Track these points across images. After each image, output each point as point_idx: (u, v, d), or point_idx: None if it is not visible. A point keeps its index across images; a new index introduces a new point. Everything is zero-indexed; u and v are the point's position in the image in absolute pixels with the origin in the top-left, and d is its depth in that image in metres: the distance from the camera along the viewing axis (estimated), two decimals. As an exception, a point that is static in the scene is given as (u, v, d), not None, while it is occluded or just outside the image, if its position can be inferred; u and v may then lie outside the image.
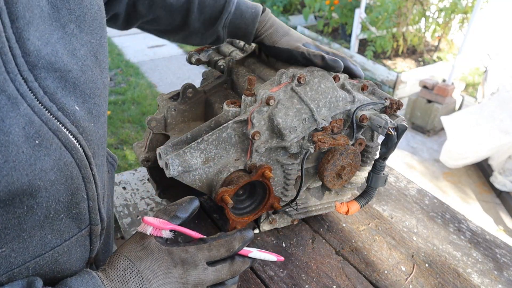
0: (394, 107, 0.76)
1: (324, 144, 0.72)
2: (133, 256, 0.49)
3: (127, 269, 0.48)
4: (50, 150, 0.38)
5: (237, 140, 0.70)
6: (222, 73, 0.87)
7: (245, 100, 0.69)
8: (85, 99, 0.43)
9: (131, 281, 0.47)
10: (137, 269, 0.48)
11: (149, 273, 0.48)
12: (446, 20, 4.14)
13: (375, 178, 0.75)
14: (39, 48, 0.38)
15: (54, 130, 0.39)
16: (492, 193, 2.77)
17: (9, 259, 0.40)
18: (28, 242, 0.41)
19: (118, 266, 0.48)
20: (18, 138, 0.35)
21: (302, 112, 0.69)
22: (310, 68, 0.72)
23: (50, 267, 0.45)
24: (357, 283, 0.77)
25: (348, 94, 0.73)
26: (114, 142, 3.02)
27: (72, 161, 0.41)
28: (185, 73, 4.15)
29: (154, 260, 0.49)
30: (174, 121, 0.82)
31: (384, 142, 0.71)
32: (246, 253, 0.55)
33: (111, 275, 0.47)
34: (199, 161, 0.68)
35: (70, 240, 0.46)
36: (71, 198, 0.43)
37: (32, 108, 0.37)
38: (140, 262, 0.48)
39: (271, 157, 0.75)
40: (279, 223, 0.86)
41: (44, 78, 0.38)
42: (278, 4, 5.61)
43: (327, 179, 0.77)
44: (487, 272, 0.82)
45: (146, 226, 0.50)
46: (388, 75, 4.00)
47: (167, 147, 0.68)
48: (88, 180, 0.44)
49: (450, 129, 2.88)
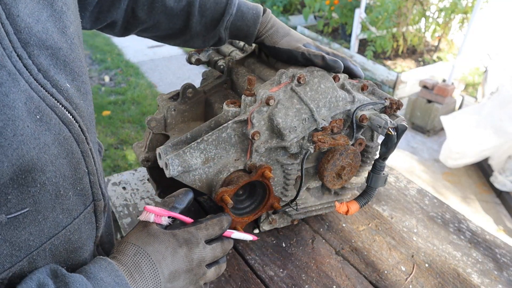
0: (394, 107, 0.76)
1: (324, 144, 0.72)
2: (140, 242, 0.52)
3: (137, 254, 0.51)
4: (50, 125, 0.40)
5: (237, 140, 0.70)
6: (222, 73, 0.87)
7: (245, 100, 0.69)
8: (74, 77, 0.44)
9: (143, 264, 0.50)
10: (146, 253, 0.51)
11: (158, 255, 0.52)
12: (446, 20, 4.14)
13: (375, 178, 0.75)
14: (30, 25, 0.38)
15: (52, 106, 0.40)
16: (492, 193, 2.77)
17: (28, 243, 0.41)
18: (43, 224, 0.42)
19: (128, 252, 0.51)
20: (22, 113, 0.36)
21: (302, 112, 0.69)
22: (310, 68, 0.72)
23: (64, 246, 0.47)
24: (357, 283, 0.77)
25: (348, 94, 0.73)
26: (114, 142, 3.02)
27: (70, 136, 0.43)
28: (185, 73, 4.15)
29: (161, 243, 0.53)
30: (174, 121, 0.82)
31: (384, 142, 0.71)
32: (229, 234, 0.62)
33: (123, 261, 0.50)
34: (199, 161, 0.68)
35: (79, 218, 0.47)
36: (74, 173, 0.44)
37: (30, 85, 0.37)
38: (148, 246, 0.52)
39: (271, 157, 0.75)
40: (279, 223, 0.86)
41: (37, 55, 0.39)
42: (278, 4, 5.60)
43: (327, 179, 0.77)
44: (487, 272, 0.82)
45: (148, 213, 0.55)
46: (388, 75, 4.00)
47: (166, 147, 0.68)
48: (86, 154, 0.45)
49: (450, 129, 2.88)
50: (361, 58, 4.31)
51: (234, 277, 0.76)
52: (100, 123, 3.21)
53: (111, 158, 2.86)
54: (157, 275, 0.51)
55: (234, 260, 0.80)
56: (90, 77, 3.92)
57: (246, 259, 0.81)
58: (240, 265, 0.79)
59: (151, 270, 0.51)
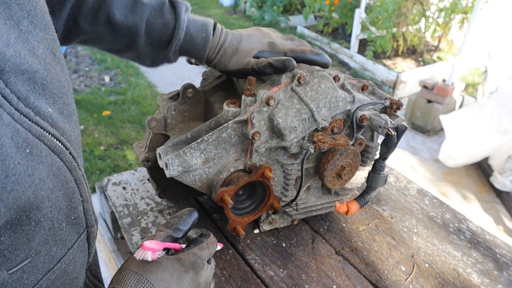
0: (394, 107, 0.76)
1: (324, 144, 0.72)
2: (142, 270, 0.48)
3: (139, 283, 0.47)
4: (41, 157, 0.37)
5: (237, 140, 0.70)
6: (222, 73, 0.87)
7: (245, 100, 0.69)
8: (54, 99, 0.41)
9: None
10: (149, 282, 0.47)
11: (162, 284, 0.48)
12: (446, 20, 4.14)
13: (375, 178, 0.75)
14: (2, 51, 0.34)
15: (39, 136, 0.37)
16: (492, 193, 2.77)
17: (22, 281, 0.39)
18: (36, 259, 0.40)
19: (129, 282, 0.47)
20: (10, 150, 0.33)
21: (302, 112, 0.69)
22: (310, 68, 0.72)
23: (61, 279, 0.45)
24: (357, 283, 0.77)
25: (348, 94, 0.73)
26: (114, 142, 3.02)
27: (63, 165, 0.40)
28: (185, 73, 4.15)
29: (165, 269, 0.49)
30: (174, 121, 0.82)
31: (384, 142, 0.71)
32: None
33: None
34: (199, 161, 0.68)
35: (73, 248, 0.45)
36: (69, 203, 0.42)
37: (12, 116, 0.34)
38: (151, 274, 0.48)
39: (271, 157, 0.75)
40: (279, 223, 0.86)
41: (14, 82, 0.35)
42: (278, 4, 5.60)
43: (327, 179, 0.77)
44: (487, 272, 0.82)
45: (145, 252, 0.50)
46: (388, 75, 4.00)
47: (167, 147, 0.68)
48: (79, 182, 0.43)
49: (449, 128, 2.88)
50: (361, 58, 4.31)
51: (234, 277, 0.76)
52: (100, 123, 3.21)
53: (111, 158, 2.86)
54: None
55: (234, 260, 0.80)
56: (90, 77, 3.92)
57: (246, 259, 0.81)
58: (240, 265, 0.79)
59: None
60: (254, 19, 5.79)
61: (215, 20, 0.77)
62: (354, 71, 4.35)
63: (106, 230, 1.08)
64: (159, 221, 0.89)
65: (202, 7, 6.42)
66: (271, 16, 5.59)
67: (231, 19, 5.88)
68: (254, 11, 5.86)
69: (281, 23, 5.56)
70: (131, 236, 0.85)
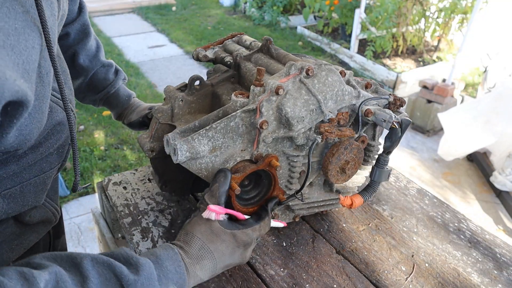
0: (397, 103, 0.77)
1: (331, 135, 0.72)
2: (205, 238, 0.63)
3: (202, 249, 0.62)
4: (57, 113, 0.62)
5: (244, 131, 0.71)
6: (229, 68, 0.88)
7: (254, 90, 0.70)
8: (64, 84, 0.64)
9: (205, 259, 0.62)
10: (210, 250, 0.63)
11: (219, 253, 0.63)
12: (446, 20, 4.14)
13: (378, 172, 0.76)
14: None
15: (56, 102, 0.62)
16: (492, 193, 2.78)
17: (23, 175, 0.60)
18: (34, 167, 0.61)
19: (194, 246, 0.62)
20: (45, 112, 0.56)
21: (309, 103, 0.70)
22: (318, 62, 0.73)
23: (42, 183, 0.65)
24: (357, 283, 0.77)
25: (354, 89, 0.74)
26: (114, 142, 3.02)
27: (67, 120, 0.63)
28: (185, 73, 4.15)
29: (223, 242, 0.64)
30: (180, 111, 0.82)
31: (388, 136, 0.72)
32: None
33: (189, 252, 0.62)
34: (206, 148, 0.69)
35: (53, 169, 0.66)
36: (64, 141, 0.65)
37: None
38: (212, 244, 0.63)
39: (277, 148, 0.75)
40: (282, 219, 0.86)
41: None
42: (278, 4, 5.61)
43: (331, 173, 0.78)
44: (487, 272, 0.82)
45: (210, 213, 0.64)
46: (388, 75, 4.00)
47: (175, 134, 0.69)
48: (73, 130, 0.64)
49: (447, 124, 2.89)
50: (361, 58, 4.31)
51: (235, 277, 0.77)
52: (100, 123, 3.21)
53: (111, 158, 2.86)
54: (215, 269, 0.64)
55: (235, 259, 0.81)
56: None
57: (247, 258, 0.81)
58: (241, 264, 0.79)
59: (211, 266, 0.63)
60: (254, 19, 5.80)
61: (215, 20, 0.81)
62: (354, 71, 4.36)
63: (106, 229, 1.08)
64: (160, 221, 0.89)
65: (202, 7, 6.42)
66: (271, 16, 5.60)
67: (231, 19, 5.88)
68: (254, 11, 5.87)
69: (281, 23, 5.56)
70: (131, 236, 0.85)
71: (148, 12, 6.06)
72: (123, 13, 6.17)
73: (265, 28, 5.57)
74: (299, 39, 5.15)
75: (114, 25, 5.56)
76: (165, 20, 5.78)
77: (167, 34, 5.31)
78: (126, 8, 6.27)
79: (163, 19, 5.79)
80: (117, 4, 6.25)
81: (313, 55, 4.73)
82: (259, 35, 5.22)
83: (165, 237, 0.85)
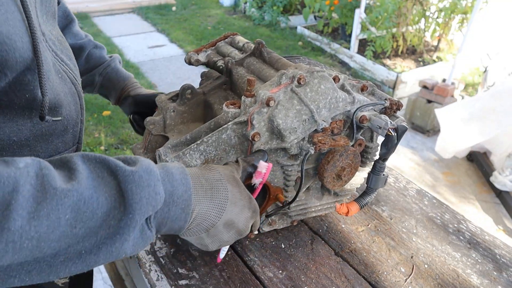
0: (394, 107, 0.76)
1: (325, 145, 0.72)
2: (227, 178, 0.59)
3: (219, 182, 0.58)
4: (66, 81, 0.64)
5: (237, 142, 0.70)
6: (221, 74, 0.87)
7: (245, 101, 0.69)
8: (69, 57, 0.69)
9: (220, 191, 0.57)
10: (226, 188, 0.58)
11: (233, 198, 0.58)
12: (446, 20, 4.14)
13: (375, 179, 0.75)
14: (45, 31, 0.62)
15: (65, 71, 0.65)
16: (491, 193, 2.78)
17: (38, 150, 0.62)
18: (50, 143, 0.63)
19: (212, 175, 0.58)
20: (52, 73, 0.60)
21: (302, 113, 0.69)
22: (310, 69, 0.72)
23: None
24: (356, 284, 0.77)
25: (348, 95, 0.73)
26: (114, 142, 3.02)
27: (75, 91, 0.67)
28: (185, 73, 4.15)
29: (241, 193, 0.60)
30: (173, 122, 0.82)
31: (384, 143, 0.71)
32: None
33: (205, 176, 0.58)
34: (198, 162, 0.68)
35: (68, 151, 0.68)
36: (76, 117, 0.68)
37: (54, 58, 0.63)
38: (231, 185, 0.59)
39: (271, 158, 0.74)
40: (279, 224, 0.86)
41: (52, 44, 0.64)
42: (278, 4, 5.60)
43: (326, 180, 0.77)
44: (487, 273, 0.82)
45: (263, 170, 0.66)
46: (388, 75, 4.00)
47: (166, 149, 0.68)
48: (82, 107, 0.70)
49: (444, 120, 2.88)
50: (361, 58, 4.31)
51: (233, 279, 0.76)
52: (100, 123, 3.21)
53: (111, 158, 2.86)
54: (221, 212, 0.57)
55: (233, 261, 0.80)
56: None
57: (245, 260, 0.81)
58: (239, 266, 0.79)
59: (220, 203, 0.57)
60: (254, 19, 5.79)
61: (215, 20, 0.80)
62: (354, 71, 4.36)
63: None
64: (159, 222, 0.89)
65: (202, 7, 6.42)
66: (271, 16, 5.59)
67: (231, 19, 5.88)
68: (254, 11, 5.86)
69: (281, 23, 5.56)
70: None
71: (148, 12, 6.05)
72: (123, 13, 6.17)
73: (265, 28, 5.56)
74: (299, 39, 5.15)
75: (114, 25, 5.56)
76: (165, 20, 5.77)
77: (167, 34, 5.31)
78: (126, 8, 6.27)
79: (163, 19, 5.79)
80: (117, 4, 6.25)
81: (313, 55, 4.73)
82: (259, 35, 5.22)
83: (164, 237, 0.85)
